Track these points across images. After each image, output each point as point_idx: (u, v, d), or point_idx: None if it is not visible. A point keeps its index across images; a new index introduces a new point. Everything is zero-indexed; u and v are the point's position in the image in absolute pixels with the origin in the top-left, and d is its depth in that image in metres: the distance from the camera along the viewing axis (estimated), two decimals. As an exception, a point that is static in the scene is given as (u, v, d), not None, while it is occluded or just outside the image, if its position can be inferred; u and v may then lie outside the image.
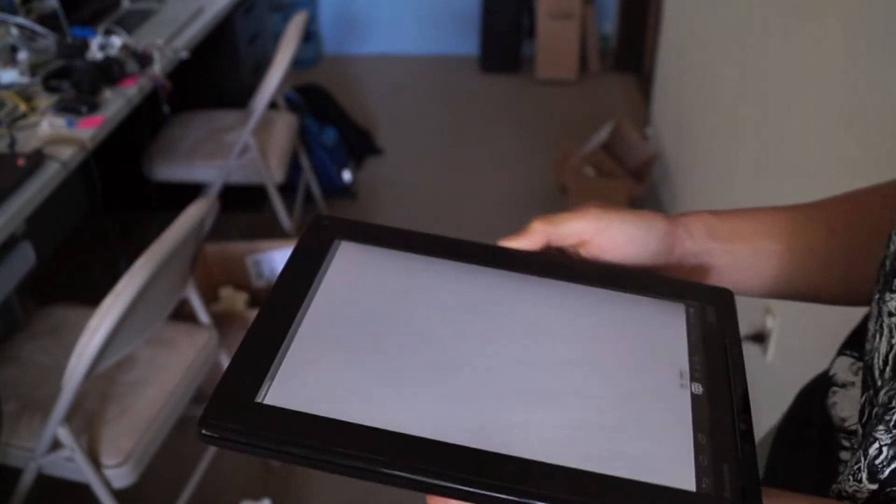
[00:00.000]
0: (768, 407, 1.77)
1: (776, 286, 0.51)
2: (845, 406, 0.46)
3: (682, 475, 0.35)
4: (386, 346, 0.40)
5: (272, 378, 0.37)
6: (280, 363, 0.38)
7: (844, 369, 0.47)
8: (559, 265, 0.47)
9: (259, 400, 0.36)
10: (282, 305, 0.42)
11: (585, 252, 0.48)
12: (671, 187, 2.72)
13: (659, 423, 0.38)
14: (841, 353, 0.49)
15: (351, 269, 0.45)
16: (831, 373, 0.48)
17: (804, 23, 1.55)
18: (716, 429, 0.38)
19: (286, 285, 0.43)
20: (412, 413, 0.36)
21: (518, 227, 0.48)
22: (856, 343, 0.48)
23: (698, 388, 0.40)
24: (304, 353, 0.39)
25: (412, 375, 0.38)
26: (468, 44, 4.22)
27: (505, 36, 3.97)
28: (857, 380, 0.45)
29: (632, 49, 3.88)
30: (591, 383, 0.39)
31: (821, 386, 0.50)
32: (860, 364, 0.45)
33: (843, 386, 0.46)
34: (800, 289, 0.51)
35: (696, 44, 2.46)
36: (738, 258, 0.50)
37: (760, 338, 1.73)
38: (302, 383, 0.37)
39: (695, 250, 0.49)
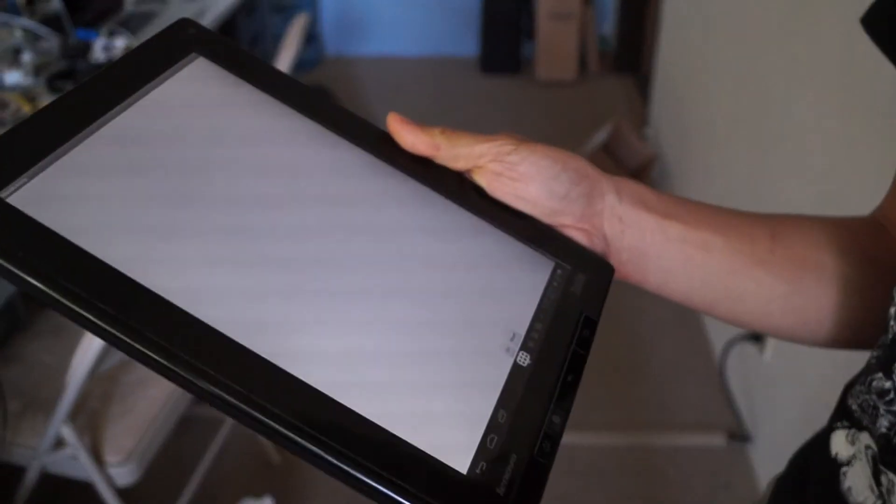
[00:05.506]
0: (767, 407, 1.78)
1: (710, 286, 0.44)
2: (859, 485, 0.39)
3: (458, 450, 0.29)
4: (185, 191, 0.32)
5: (31, 176, 0.29)
6: (50, 163, 0.30)
7: (843, 444, 0.41)
8: (439, 174, 0.40)
9: (2, 195, 0.28)
10: (90, 98, 0.33)
11: (480, 178, 0.41)
12: (671, 188, 2.73)
13: (461, 382, 0.31)
14: (832, 428, 0.42)
15: (192, 89, 0.36)
16: (833, 454, 0.41)
17: (803, 23, 1.56)
18: (523, 411, 0.31)
19: (109, 79, 0.34)
20: (176, 274, 0.29)
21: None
22: (842, 413, 0.42)
23: (525, 359, 0.33)
24: (86, 162, 0.30)
25: (199, 237, 0.31)
26: (468, 45, 4.24)
27: (505, 37, 3.98)
28: (854, 449, 0.40)
29: (631, 50, 3.89)
30: (404, 314, 0.32)
31: (821, 471, 0.42)
32: (854, 431, 0.40)
33: (850, 463, 0.40)
34: (740, 295, 0.44)
35: (694, 44, 2.47)
36: (670, 236, 0.42)
37: (759, 337, 1.74)
38: (65, 197, 0.29)
39: (619, 213, 0.42)
